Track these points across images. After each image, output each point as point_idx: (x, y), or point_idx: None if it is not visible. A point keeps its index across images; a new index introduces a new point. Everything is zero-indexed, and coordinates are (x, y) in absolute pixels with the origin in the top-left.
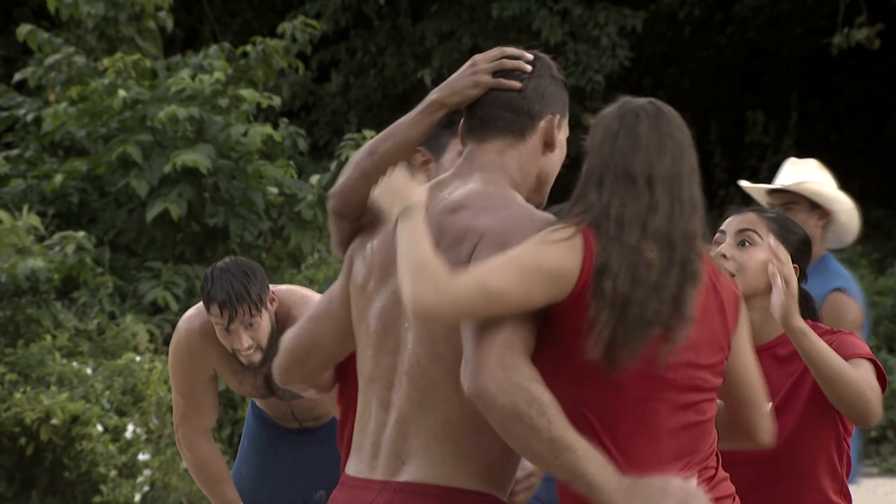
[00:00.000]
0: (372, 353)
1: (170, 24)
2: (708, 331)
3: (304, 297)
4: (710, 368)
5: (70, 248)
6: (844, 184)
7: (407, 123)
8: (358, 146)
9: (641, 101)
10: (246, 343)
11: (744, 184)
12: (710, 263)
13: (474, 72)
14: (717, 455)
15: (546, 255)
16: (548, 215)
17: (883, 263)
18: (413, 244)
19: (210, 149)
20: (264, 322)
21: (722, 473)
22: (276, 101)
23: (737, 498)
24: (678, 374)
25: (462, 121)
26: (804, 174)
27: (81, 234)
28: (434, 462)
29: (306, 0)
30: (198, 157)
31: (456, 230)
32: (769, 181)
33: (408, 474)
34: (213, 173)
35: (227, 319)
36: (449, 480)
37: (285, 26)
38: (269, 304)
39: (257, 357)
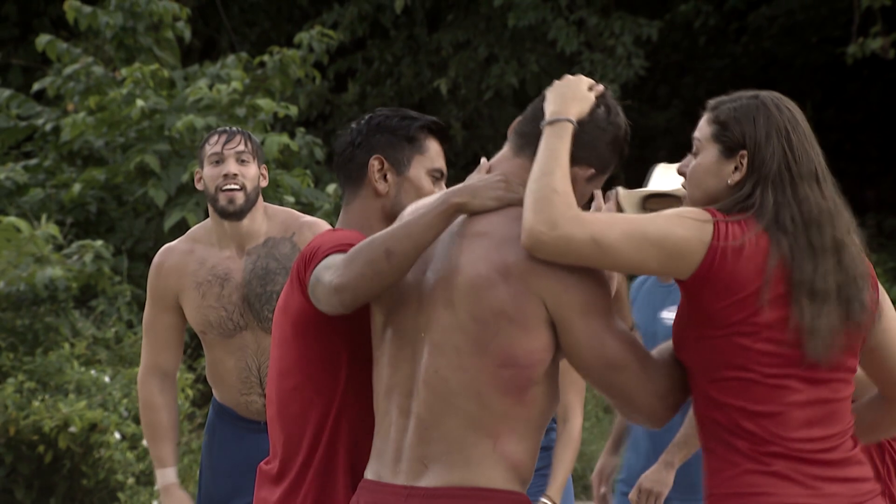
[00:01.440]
0: (388, 362)
1: (188, 35)
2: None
3: (315, 228)
4: (847, 347)
5: (88, 257)
6: (860, 192)
7: (424, 225)
8: None
9: (775, 94)
10: (234, 169)
11: (620, 191)
12: None
13: (505, 188)
14: (854, 440)
15: (672, 230)
16: None
17: None
18: (549, 165)
19: None
20: (253, 172)
21: (861, 456)
22: (293, 110)
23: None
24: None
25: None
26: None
27: (99, 242)
28: (457, 465)
29: (323, 10)
30: None
31: None
32: None
33: (431, 479)
34: None
35: (223, 141)
36: (473, 482)
37: (302, 36)
38: (261, 171)
39: (240, 198)
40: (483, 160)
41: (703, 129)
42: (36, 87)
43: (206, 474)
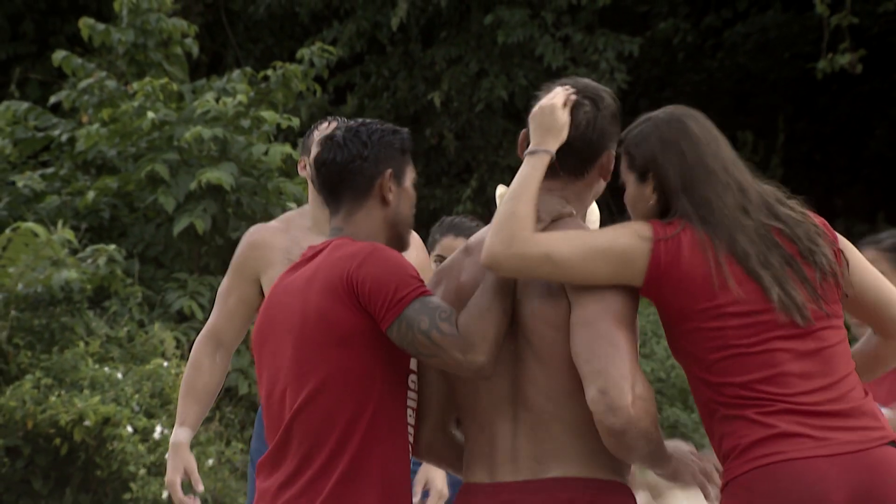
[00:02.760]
0: (481, 382)
1: (195, 51)
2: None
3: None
4: (822, 298)
5: (102, 261)
6: (829, 200)
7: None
8: None
9: (668, 109)
10: None
11: (500, 188)
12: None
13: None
14: (864, 390)
15: (616, 239)
16: None
17: None
18: (517, 191)
19: (233, 167)
20: None
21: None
22: (295, 122)
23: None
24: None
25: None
26: None
27: (112, 247)
28: (572, 460)
29: (323, 27)
30: (221, 175)
31: None
32: None
33: (553, 472)
34: (235, 190)
35: (336, 125)
36: (588, 474)
37: (304, 52)
38: None
39: None
40: (499, 189)
41: (622, 162)
42: (52, 100)
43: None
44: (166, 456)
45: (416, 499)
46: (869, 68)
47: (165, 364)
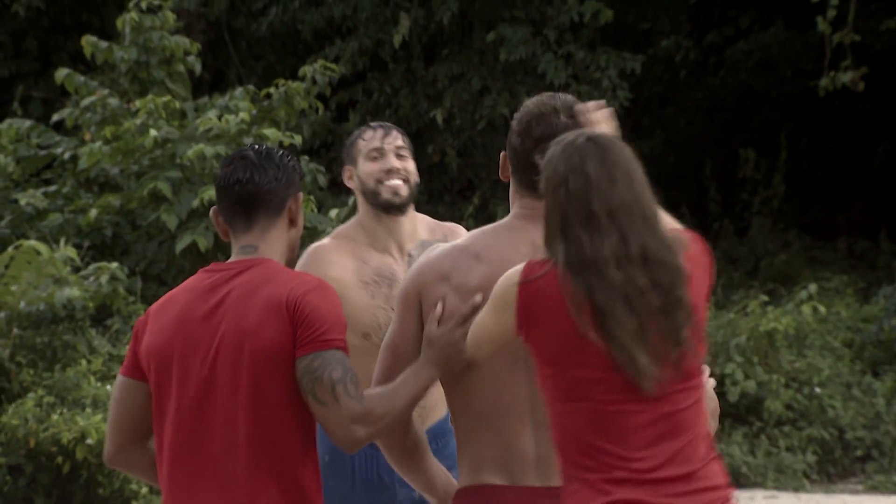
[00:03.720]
0: (496, 383)
1: (198, 68)
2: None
3: (460, 234)
4: (678, 363)
5: (104, 278)
6: (831, 217)
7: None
8: None
9: (581, 138)
10: (396, 164)
11: None
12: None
13: (463, 339)
14: (706, 443)
15: (496, 287)
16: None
17: (867, 292)
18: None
19: None
20: (412, 166)
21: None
22: (298, 139)
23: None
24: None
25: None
26: None
27: (115, 264)
28: None
29: (326, 45)
30: None
31: None
32: (761, 215)
33: None
34: None
35: (381, 136)
36: None
37: (306, 69)
38: (415, 167)
39: (404, 189)
40: (438, 307)
41: None
42: (55, 117)
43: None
44: None
45: None
46: (871, 86)
47: None
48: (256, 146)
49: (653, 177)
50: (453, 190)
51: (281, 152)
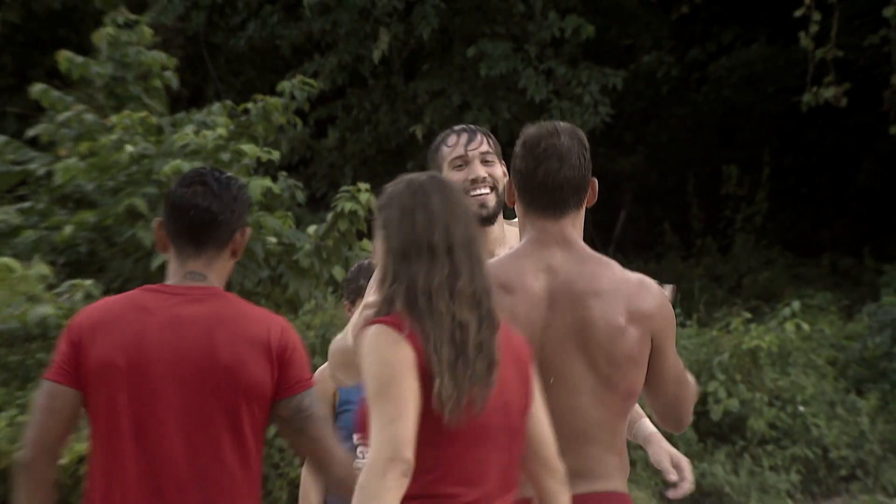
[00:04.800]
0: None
1: (175, 84)
2: (513, 375)
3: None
4: (519, 413)
5: (79, 296)
6: (815, 233)
7: None
8: (353, 198)
9: (424, 176)
10: (482, 172)
11: None
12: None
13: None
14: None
15: (388, 362)
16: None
17: (851, 310)
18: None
19: None
20: (499, 172)
21: None
22: (276, 155)
23: None
24: (495, 418)
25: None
26: None
27: (90, 282)
28: (599, 478)
29: (305, 60)
30: None
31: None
32: (744, 231)
33: (582, 487)
34: None
35: (465, 142)
36: (611, 488)
37: (285, 85)
38: (503, 168)
39: (492, 201)
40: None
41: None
42: (30, 133)
43: None
44: None
45: None
46: (854, 101)
47: None
48: (216, 173)
49: (635, 193)
50: None
51: (238, 183)
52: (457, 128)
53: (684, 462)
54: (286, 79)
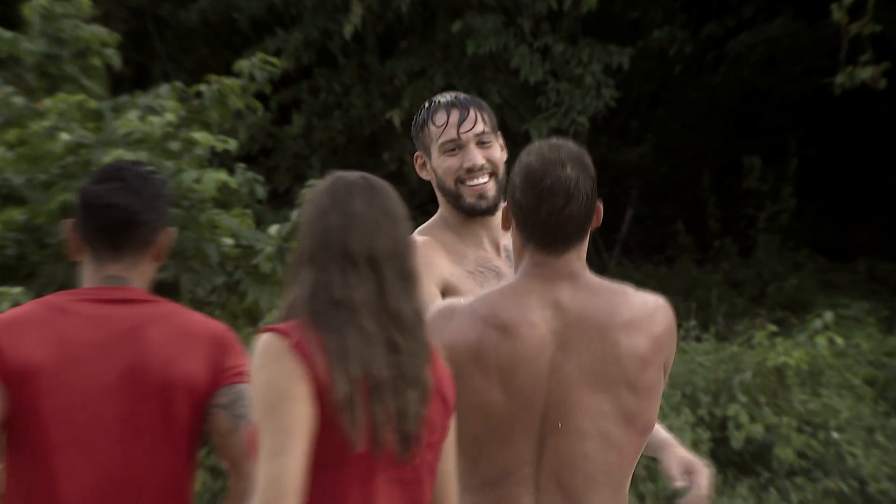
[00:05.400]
0: (496, 447)
1: (117, 62)
2: (438, 408)
3: None
4: (431, 447)
5: (5, 305)
6: (848, 235)
7: None
8: None
9: (354, 175)
10: (480, 160)
11: None
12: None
13: None
14: None
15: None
16: None
17: (891, 321)
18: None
19: None
20: (497, 153)
21: None
22: (233, 144)
23: None
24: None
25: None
26: None
27: (18, 289)
28: None
29: (266, 36)
30: None
31: None
32: (768, 232)
33: None
34: None
35: (455, 121)
36: None
37: (243, 64)
38: (500, 143)
39: (491, 190)
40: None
41: None
42: None
43: None
44: None
45: None
46: (894, 83)
47: None
48: (135, 167)
49: (643, 189)
50: (413, 204)
51: (159, 177)
52: (444, 99)
53: (699, 466)
54: (244, 57)
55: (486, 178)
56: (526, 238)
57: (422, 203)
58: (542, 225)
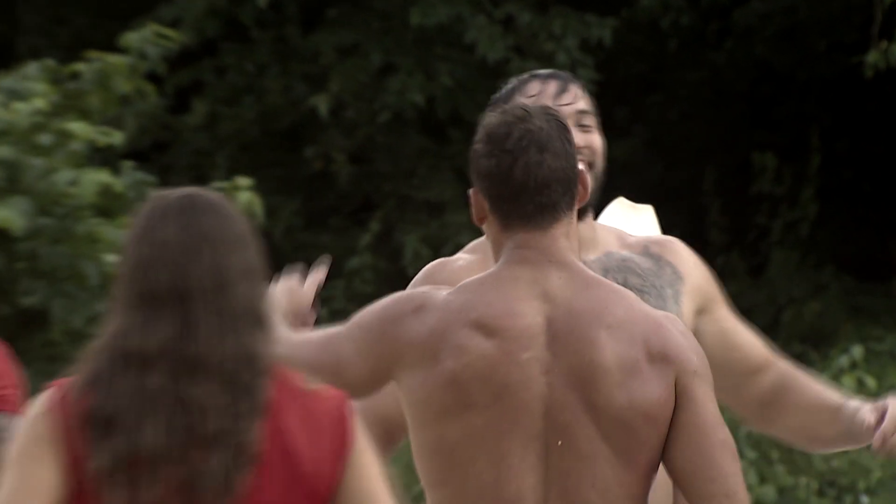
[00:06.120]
0: (503, 474)
1: None
2: (282, 476)
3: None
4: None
5: None
6: (882, 247)
7: None
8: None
9: (174, 195)
10: (580, 138)
11: None
12: (291, 382)
13: None
14: None
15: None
16: None
17: None
18: None
19: (26, 202)
20: (598, 141)
21: None
22: (118, 137)
23: None
24: None
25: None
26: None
27: None
28: None
29: (160, 3)
30: (9, 214)
31: None
32: (783, 246)
33: None
34: (30, 236)
35: (555, 90)
36: None
37: (131, 37)
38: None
39: (588, 183)
40: None
41: None
42: None
43: None
44: None
45: None
46: None
47: None
48: None
49: (632, 191)
50: (343, 210)
51: None
52: (541, 72)
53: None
54: (133, 29)
55: (582, 166)
56: (504, 216)
57: (354, 210)
58: (521, 190)
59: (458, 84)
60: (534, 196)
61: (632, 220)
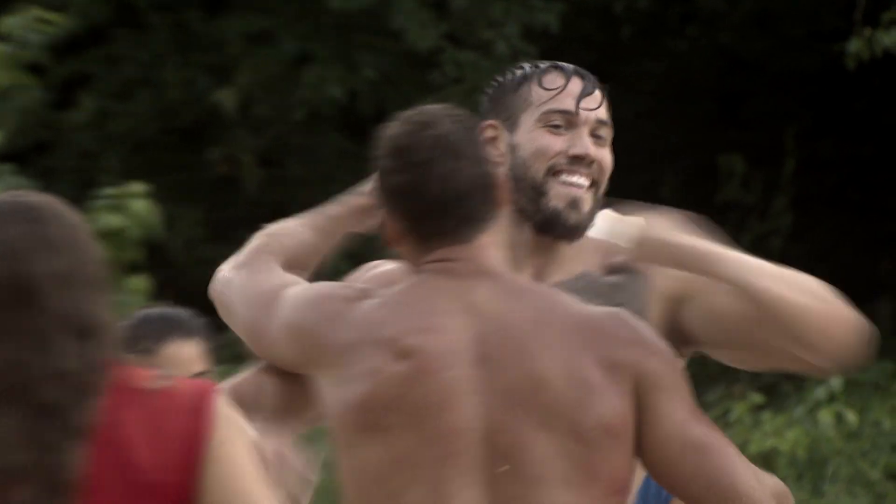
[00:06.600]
0: (423, 498)
1: None
2: (119, 494)
3: None
4: None
5: None
6: (871, 263)
7: None
8: (118, 207)
9: (10, 197)
10: (592, 151)
11: None
12: (134, 384)
13: None
14: None
15: None
16: None
17: None
18: None
19: None
20: (609, 158)
21: None
22: None
23: None
24: None
25: None
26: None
27: None
28: None
29: None
30: None
31: None
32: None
33: None
34: None
35: (579, 90)
36: None
37: (10, 23)
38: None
39: (588, 201)
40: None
41: None
42: None
43: None
44: None
45: None
46: None
47: None
48: None
49: None
50: (251, 219)
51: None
52: (563, 65)
53: None
54: (13, 13)
55: (587, 181)
56: (423, 236)
57: (264, 218)
58: (439, 205)
59: (384, 76)
60: (454, 209)
61: (620, 232)
